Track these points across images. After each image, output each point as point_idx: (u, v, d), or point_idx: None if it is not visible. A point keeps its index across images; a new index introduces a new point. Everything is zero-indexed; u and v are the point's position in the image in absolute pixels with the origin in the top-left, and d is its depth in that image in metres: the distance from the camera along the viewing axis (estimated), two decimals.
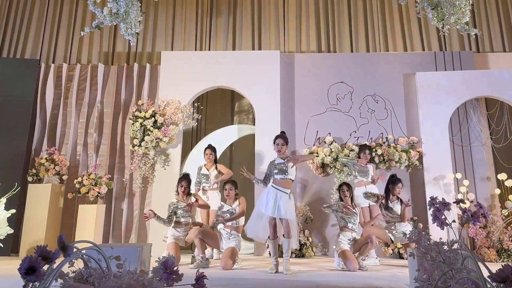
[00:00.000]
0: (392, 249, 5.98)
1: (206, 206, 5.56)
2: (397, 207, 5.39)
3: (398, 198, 5.47)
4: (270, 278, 4.32)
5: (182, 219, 5.35)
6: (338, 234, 5.27)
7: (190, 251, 6.82)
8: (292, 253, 6.05)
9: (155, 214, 5.17)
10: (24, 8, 7.94)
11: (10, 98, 6.79)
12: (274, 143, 4.97)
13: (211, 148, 6.14)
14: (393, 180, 5.49)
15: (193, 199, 5.44)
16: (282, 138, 4.94)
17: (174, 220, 5.37)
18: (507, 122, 6.88)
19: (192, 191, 5.62)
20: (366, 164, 5.96)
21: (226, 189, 5.35)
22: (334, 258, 5.21)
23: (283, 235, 4.70)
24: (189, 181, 5.52)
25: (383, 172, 6.35)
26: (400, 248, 5.89)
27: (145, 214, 5.26)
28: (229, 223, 5.20)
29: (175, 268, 1.61)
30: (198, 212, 6.10)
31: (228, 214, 5.25)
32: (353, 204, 5.37)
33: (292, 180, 4.82)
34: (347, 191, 5.34)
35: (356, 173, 5.94)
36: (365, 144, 6.41)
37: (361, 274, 4.54)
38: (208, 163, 6.08)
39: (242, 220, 5.29)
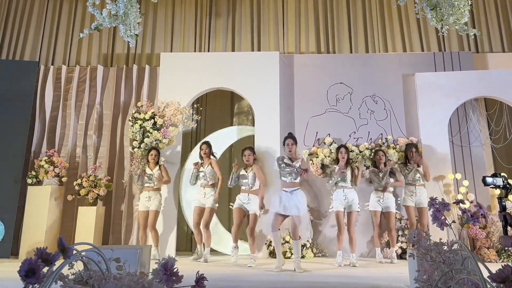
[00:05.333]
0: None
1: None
2: (386, 177, 5.86)
3: (386, 167, 5.95)
4: (270, 278, 4.32)
5: (202, 181, 5.99)
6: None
7: (190, 253, 6.82)
8: (292, 254, 6.05)
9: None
10: (23, 9, 7.94)
11: (9, 100, 6.78)
12: (283, 144, 5.19)
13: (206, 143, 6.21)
14: (375, 151, 6.18)
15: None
16: (292, 138, 5.15)
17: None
18: (506, 122, 6.88)
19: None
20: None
21: (245, 155, 5.84)
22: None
23: (289, 236, 4.82)
24: (208, 145, 6.13)
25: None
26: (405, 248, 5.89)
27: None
28: (244, 187, 5.80)
29: (175, 270, 1.61)
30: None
31: (245, 179, 5.80)
32: (348, 165, 5.80)
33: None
34: (344, 153, 5.80)
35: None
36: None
37: (361, 275, 4.54)
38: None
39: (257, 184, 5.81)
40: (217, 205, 5.93)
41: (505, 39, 7.69)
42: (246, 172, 5.86)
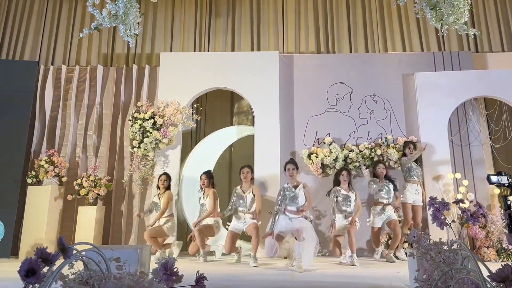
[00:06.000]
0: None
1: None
2: (388, 189, 5.76)
3: (388, 179, 5.86)
4: (270, 278, 4.32)
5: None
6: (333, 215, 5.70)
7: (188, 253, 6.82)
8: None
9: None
10: (23, 9, 7.94)
11: (9, 100, 6.78)
12: (284, 169, 5.42)
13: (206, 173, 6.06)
14: (375, 163, 6.06)
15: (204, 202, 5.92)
16: (293, 163, 5.38)
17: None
18: (506, 121, 6.89)
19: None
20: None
21: (243, 173, 5.74)
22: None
23: (295, 238, 4.89)
24: (207, 175, 5.99)
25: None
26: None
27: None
28: (241, 208, 5.61)
29: (175, 269, 1.61)
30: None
31: (241, 200, 5.64)
32: (349, 187, 5.70)
33: (302, 209, 5.14)
34: (346, 176, 5.71)
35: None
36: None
37: (361, 275, 4.54)
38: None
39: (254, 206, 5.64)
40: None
41: (504, 38, 7.69)
42: (244, 193, 5.72)
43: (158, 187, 6.20)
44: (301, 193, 5.19)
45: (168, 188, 6.15)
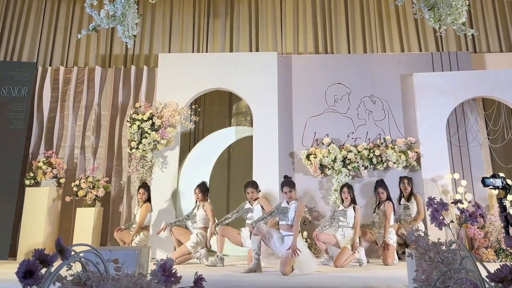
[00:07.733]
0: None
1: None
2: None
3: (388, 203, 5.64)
4: (269, 279, 4.31)
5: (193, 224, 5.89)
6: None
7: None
8: None
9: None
10: (21, 10, 7.93)
11: (7, 101, 6.77)
12: (281, 191, 5.13)
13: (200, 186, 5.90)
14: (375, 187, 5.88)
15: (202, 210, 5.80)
16: (289, 185, 5.02)
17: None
18: (504, 122, 6.89)
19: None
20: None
21: (248, 193, 5.64)
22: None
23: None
24: (201, 189, 5.81)
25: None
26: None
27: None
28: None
29: (174, 271, 1.61)
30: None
31: (250, 212, 5.55)
32: (353, 205, 5.48)
33: (292, 224, 4.86)
34: (347, 192, 5.51)
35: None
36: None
37: (360, 275, 4.54)
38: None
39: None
40: (197, 252, 5.61)
41: (502, 39, 7.71)
42: (252, 205, 5.64)
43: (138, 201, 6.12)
44: (293, 206, 4.94)
45: (147, 200, 6.04)
